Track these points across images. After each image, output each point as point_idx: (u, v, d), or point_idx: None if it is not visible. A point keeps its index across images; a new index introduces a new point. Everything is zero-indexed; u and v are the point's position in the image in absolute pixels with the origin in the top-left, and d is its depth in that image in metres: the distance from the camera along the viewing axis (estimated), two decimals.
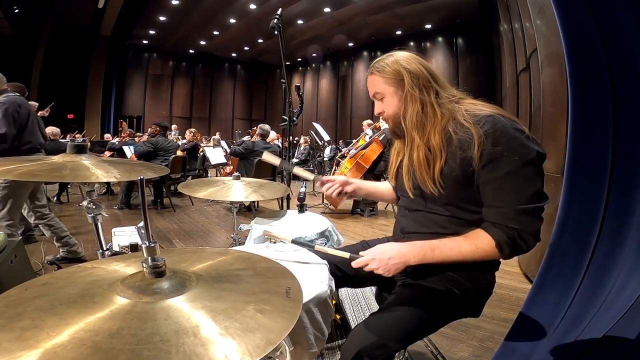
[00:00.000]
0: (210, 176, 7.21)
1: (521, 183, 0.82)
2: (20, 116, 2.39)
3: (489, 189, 0.86)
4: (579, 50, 1.23)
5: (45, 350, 0.39)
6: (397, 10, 10.81)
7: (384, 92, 0.96)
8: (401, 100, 0.94)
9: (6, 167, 0.90)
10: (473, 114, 0.87)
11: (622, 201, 1.18)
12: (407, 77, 0.92)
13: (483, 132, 0.83)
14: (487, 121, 0.84)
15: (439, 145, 0.89)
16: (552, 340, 1.23)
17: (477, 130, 0.83)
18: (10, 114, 2.32)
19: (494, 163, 0.83)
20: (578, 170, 1.29)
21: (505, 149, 0.81)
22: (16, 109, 2.37)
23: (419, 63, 0.94)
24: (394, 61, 0.94)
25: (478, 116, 0.86)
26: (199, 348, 0.40)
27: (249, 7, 11.29)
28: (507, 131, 0.82)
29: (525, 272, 2.65)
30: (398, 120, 0.97)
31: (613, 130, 1.19)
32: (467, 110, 0.89)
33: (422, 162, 0.91)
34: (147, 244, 0.50)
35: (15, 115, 2.36)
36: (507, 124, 0.83)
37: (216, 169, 6.70)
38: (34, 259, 2.64)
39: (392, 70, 0.94)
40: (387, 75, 0.94)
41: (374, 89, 0.98)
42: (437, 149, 0.89)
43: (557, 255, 1.34)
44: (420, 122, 0.92)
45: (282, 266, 0.66)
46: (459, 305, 0.98)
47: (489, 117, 0.85)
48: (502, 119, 0.84)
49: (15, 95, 2.45)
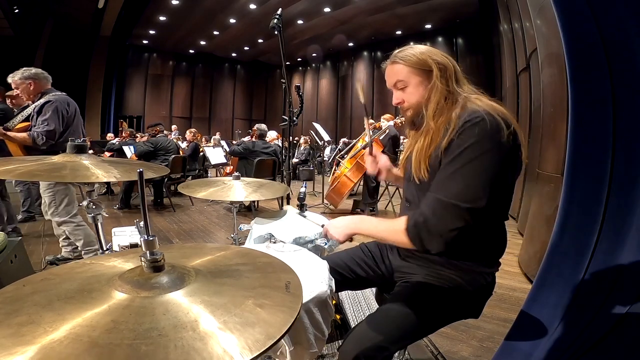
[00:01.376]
0: (210, 176, 7.21)
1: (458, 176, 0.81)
2: (68, 114, 2.46)
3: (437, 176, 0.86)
4: (579, 50, 1.23)
5: (41, 346, 0.39)
6: (397, 10, 10.82)
7: (408, 81, 0.95)
8: (426, 90, 0.93)
9: (6, 167, 0.90)
10: (468, 107, 0.87)
11: (622, 201, 1.18)
12: (435, 68, 0.91)
13: (460, 122, 0.83)
14: (469, 114, 0.83)
15: (439, 134, 0.88)
16: (552, 340, 1.22)
17: (456, 122, 0.84)
18: (60, 112, 2.39)
19: (449, 151, 0.83)
20: (578, 170, 1.29)
21: (464, 141, 0.81)
22: (65, 107, 2.44)
23: (444, 56, 0.94)
24: (422, 52, 0.93)
25: (468, 110, 0.85)
26: (198, 343, 0.40)
27: (249, 7, 11.29)
28: (479, 125, 0.80)
29: (525, 272, 2.64)
30: (419, 110, 0.96)
31: (613, 130, 1.19)
32: (467, 104, 0.88)
33: (425, 146, 0.91)
34: (145, 238, 0.50)
35: (64, 112, 2.42)
36: (488, 123, 0.80)
37: (216, 169, 6.70)
38: (34, 259, 2.64)
39: (419, 60, 0.92)
40: (415, 65, 0.93)
41: (395, 78, 0.97)
42: (439, 136, 0.88)
43: (557, 255, 1.33)
44: (440, 111, 0.91)
45: (281, 261, 0.66)
46: (458, 306, 0.97)
47: (475, 112, 0.83)
48: (488, 118, 0.80)
49: (64, 95, 2.52)
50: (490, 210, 0.81)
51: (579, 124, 1.27)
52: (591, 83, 1.23)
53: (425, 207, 0.85)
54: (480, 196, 0.79)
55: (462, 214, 0.79)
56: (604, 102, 1.19)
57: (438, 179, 0.85)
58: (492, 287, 1.00)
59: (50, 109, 2.36)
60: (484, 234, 0.92)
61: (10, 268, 1.76)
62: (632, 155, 1.17)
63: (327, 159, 7.33)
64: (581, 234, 1.27)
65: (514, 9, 4.66)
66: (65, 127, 2.46)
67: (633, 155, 1.17)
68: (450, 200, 0.80)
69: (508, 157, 0.81)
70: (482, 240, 0.93)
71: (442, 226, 0.81)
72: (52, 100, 2.40)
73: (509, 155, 0.81)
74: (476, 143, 0.79)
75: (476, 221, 0.80)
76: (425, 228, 0.82)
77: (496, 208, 0.85)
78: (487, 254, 0.97)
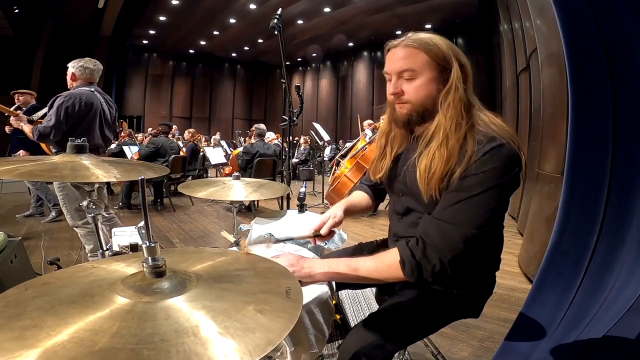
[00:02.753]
0: (210, 176, 7.21)
1: (473, 206, 0.78)
2: (76, 112, 2.25)
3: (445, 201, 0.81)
4: (579, 50, 1.23)
5: (44, 350, 0.39)
6: (397, 10, 10.82)
7: (421, 72, 0.82)
8: (438, 87, 0.82)
9: (6, 167, 0.90)
10: (481, 131, 0.80)
11: (622, 201, 1.18)
12: (456, 67, 0.81)
13: (478, 150, 0.77)
14: (488, 141, 0.78)
15: (455, 153, 0.80)
16: (552, 340, 1.23)
17: (473, 148, 0.78)
18: (64, 109, 2.20)
19: (463, 178, 0.78)
20: (578, 170, 1.29)
21: (480, 169, 0.77)
22: (75, 103, 2.24)
23: (464, 56, 0.84)
24: (448, 45, 0.82)
25: (485, 133, 0.80)
26: (199, 348, 0.40)
27: (249, 7, 11.29)
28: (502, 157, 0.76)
29: (525, 272, 2.65)
30: (419, 110, 0.85)
31: (613, 130, 1.19)
32: (480, 123, 0.82)
33: (440, 166, 0.80)
34: (147, 244, 0.50)
35: (71, 109, 2.22)
36: (510, 152, 0.77)
37: (216, 169, 6.70)
38: (34, 259, 2.64)
39: (441, 53, 0.81)
40: (435, 57, 0.81)
41: (404, 65, 0.82)
42: (454, 156, 0.80)
43: (557, 255, 1.34)
44: (458, 118, 0.80)
45: (282, 266, 0.66)
46: (458, 306, 0.97)
47: (495, 139, 0.78)
48: (510, 147, 0.77)
49: (85, 90, 2.32)
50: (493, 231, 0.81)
51: (579, 124, 1.27)
52: (591, 83, 1.23)
53: (428, 230, 0.82)
54: (491, 222, 0.79)
55: (468, 239, 0.78)
56: (604, 101, 1.19)
57: (447, 203, 0.81)
58: (493, 287, 1.00)
59: (56, 104, 2.21)
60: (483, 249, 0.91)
61: (11, 268, 1.76)
62: (632, 155, 1.17)
63: (327, 159, 7.33)
64: (581, 234, 1.27)
65: (514, 9, 4.65)
66: (73, 125, 2.26)
67: (633, 155, 1.17)
68: (459, 226, 0.79)
69: (516, 183, 0.80)
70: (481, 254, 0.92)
71: (445, 250, 0.79)
72: (63, 95, 2.25)
73: (517, 182, 0.80)
74: (494, 173, 0.76)
75: (479, 245, 0.80)
76: (424, 256, 0.80)
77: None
78: (485, 257, 0.97)
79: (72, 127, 2.26)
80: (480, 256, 0.91)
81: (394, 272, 0.84)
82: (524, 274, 2.64)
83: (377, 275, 0.86)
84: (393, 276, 0.85)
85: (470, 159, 0.77)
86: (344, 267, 0.88)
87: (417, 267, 0.81)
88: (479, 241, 0.79)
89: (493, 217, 0.79)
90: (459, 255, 0.79)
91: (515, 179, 0.79)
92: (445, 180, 0.81)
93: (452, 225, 0.79)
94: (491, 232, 0.80)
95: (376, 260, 0.87)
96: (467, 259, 0.81)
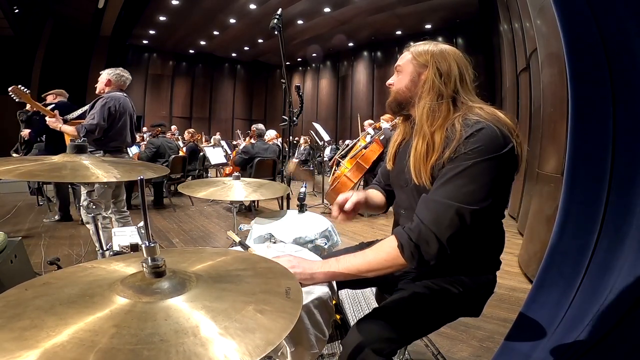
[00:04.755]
0: (210, 176, 7.21)
1: (462, 181, 0.81)
2: (115, 112, 2.52)
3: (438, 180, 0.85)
4: (579, 50, 1.23)
5: (44, 350, 0.39)
6: (397, 10, 10.80)
7: (404, 68, 0.99)
8: (414, 83, 0.96)
9: (6, 167, 0.90)
10: (470, 118, 0.86)
11: (622, 201, 1.18)
12: (432, 66, 0.93)
13: (464, 133, 0.82)
14: (474, 124, 0.83)
15: (438, 141, 0.88)
16: (552, 340, 1.23)
17: (461, 132, 0.83)
18: (107, 108, 2.46)
19: (452, 160, 0.83)
20: (578, 170, 1.29)
21: (467, 148, 0.81)
22: (115, 104, 2.51)
23: (455, 60, 0.94)
24: (427, 50, 0.96)
25: (472, 119, 0.85)
26: (199, 348, 0.40)
27: (249, 7, 11.28)
28: (482, 134, 0.81)
29: (525, 272, 2.64)
30: (399, 98, 1.00)
31: (613, 130, 1.19)
32: (469, 112, 0.87)
33: (422, 153, 0.90)
34: (147, 244, 0.50)
35: (112, 110, 2.49)
36: (490, 133, 0.81)
37: (216, 169, 6.69)
38: (34, 259, 2.64)
39: (421, 53, 0.96)
40: (416, 56, 0.97)
41: (399, 62, 1.02)
42: (436, 144, 0.88)
43: (557, 255, 1.34)
44: (433, 113, 0.91)
45: (282, 266, 0.66)
46: (459, 304, 0.98)
47: (478, 122, 0.83)
48: (491, 128, 0.81)
49: (120, 94, 2.60)
50: (489, 211, 0.82)
51: (579, 123, 1.27)
52: (591, 83, 1.23)
53: (423, 211, 0.84)
54: (484, 198, 0.80)
55: (464, 215, 0.79)
56: (604, 101, 1.20)
57: (438, 183, 0.85)
58: (493, 286, 1.01)
59: (99, 104, 2.46)
60: (483, 235, 0.92)
61: (11, 268, 1.76)
62: (632, 155, 1.17)
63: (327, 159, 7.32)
64: (581, 233, 1.27)
65: (514, 9, 4.65)
66: (111, 124, 2.50)
67: (633, 155, 1.17)
68: (453, 202, 0.80)
69: (508, 165, 0.82)
70: (481, 242, 0.94)
71: (441, 228, 0.80)
72: (104, 96, 2.50)
73: (509, 164, 0.82)
74: (479, 150, 0.80)
75: (476, 223, 0.80)
76: (425, 232, 0.81)
77: (495, 209, 0.85)
78: (486, 254, 0.97)
79: (110, 126, 2.52)
80: (481, 237, 0.91)
81: (394, 259, 0.85)
82: (524, 274, 2.63)
83: (377, 266, 0.87)
84: (394, 263, 0.85)
85: (458, 141, 0.83)
86: (344, 265, 0.89)
87: (416, 248, 0.82)
88: (476, 218, 0.80)
89: (489, 192, 0.80)
90: (457, 232, 0.80)
91: (507, 156, 0.81)
92: (437, 167, 0.86)
93: (445, 202, 0.81)
94: (490, 211, 0.81)
95: (374, 251, 0.89)
96: (467, 238, 0.82)
